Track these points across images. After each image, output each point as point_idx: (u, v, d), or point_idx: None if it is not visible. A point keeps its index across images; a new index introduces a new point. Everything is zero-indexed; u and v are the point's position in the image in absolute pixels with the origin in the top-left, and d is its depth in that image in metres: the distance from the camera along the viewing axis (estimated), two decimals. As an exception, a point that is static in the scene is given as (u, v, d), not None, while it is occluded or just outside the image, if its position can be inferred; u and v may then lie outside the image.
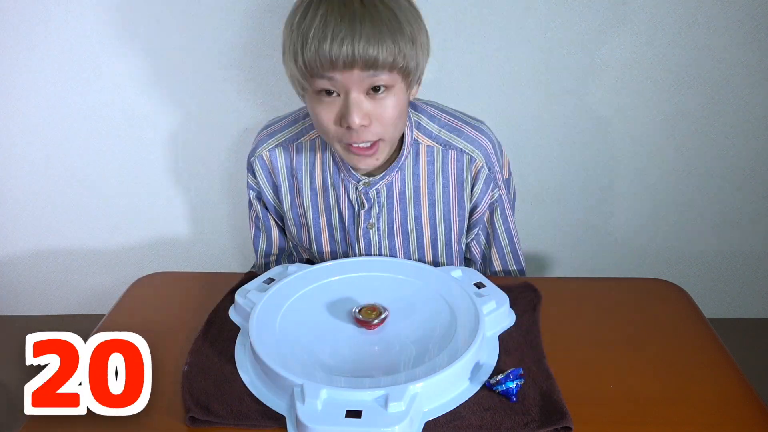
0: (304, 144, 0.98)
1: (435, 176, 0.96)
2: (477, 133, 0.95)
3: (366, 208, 0.97)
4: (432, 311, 0.81)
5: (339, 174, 0.96)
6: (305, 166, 0.98)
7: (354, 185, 0.96)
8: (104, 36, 1.31)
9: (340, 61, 0.76)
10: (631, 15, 1.27)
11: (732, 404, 0.71)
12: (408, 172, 0.96)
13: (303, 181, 0.99)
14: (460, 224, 0.99)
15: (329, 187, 0.98)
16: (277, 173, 1.00)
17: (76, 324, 1.57)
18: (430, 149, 0.95)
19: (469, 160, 0.94)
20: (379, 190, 0.96)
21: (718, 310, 1.58)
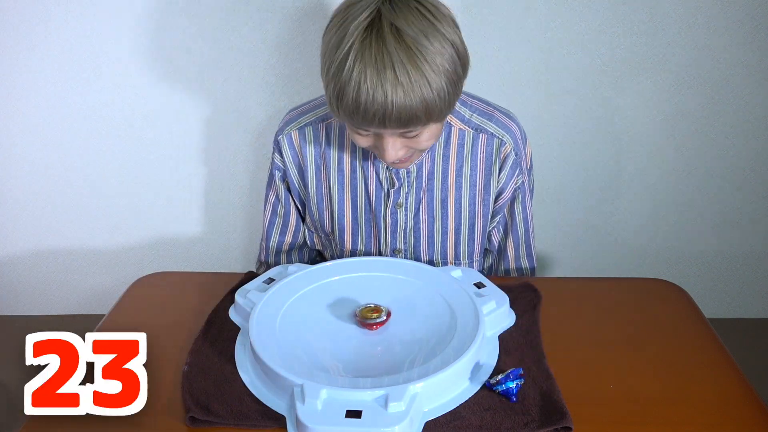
0: (334, 124, 0.98)
1: (464, 159, 0.97)
2: (507, 119, 0.97)
3: (396, 188, 0.97)
4: (432, 311, 0.81)
5: (370, 154, 0.96)
6: (335, 146, 0.99)
7: (384, 165, 0.96)
8: (104, 36, 1.31)
9: (375, 123, 0.78)
10: (631, 15, 1.27)
11: (732, 404, 0.71)
12: (438, 153, 0.96)
13: (331, 160, 0.99)
14: (485, 209, 1.00)
15: (357, 167, 0.98)
16: (304, 152, 1.00)
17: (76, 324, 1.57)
18: (461, 132, 0.96)
19: (499, 144, 0.96)
20: (409, 170, 0.96)
21: (718, 310, 1.58)
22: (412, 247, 1.01)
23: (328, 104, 0.81)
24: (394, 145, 0.82)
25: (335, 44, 0.77)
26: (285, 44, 1.30)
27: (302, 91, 1.35)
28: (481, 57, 1.31)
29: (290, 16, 1.28)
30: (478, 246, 1.02)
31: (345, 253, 1.05)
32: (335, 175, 1.00)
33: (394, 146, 0.82)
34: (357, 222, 1.01)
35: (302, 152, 1.01)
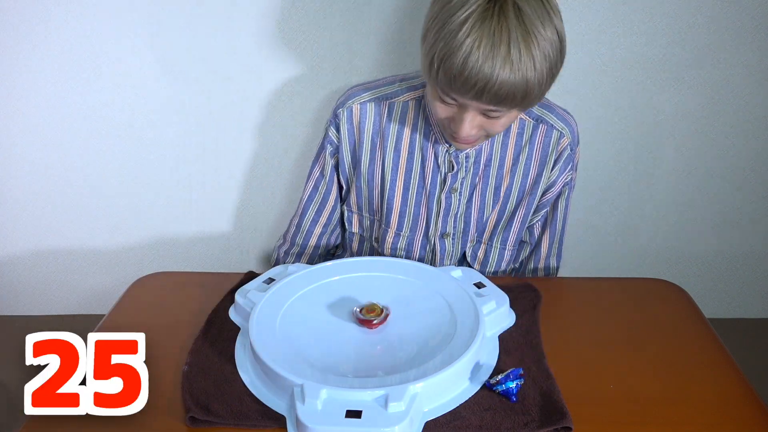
0: (397, 104, 0.99)
1: (522, 148, 0.98)
2: (566, 114, 0.99)
3: (453, 171, 0.98)
4: (432, 311, 0.81)
5: (430, 135, 0.98)
6: (394, 126, 0.99)
7: (445, 147, 0.97)
8: (104, 36, 1.31)
9: (470, 94, 0.78)
10: (631, 15, 1.26)
11: (732, 404, 0.71)
12: (497, 140, 0.98)
13: (389, 139, 1.00)
14: (531, 199, 1.01)
15: (416, 149, 0.99)
16: (363, 127, 1.00)
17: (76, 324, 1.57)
18: (522, 122, 0.97)
19: (558, 136, 0.97)
20: (468, 154, 0.97)
21: (718, 310, 1.58)
22: (461, 231, 1.01)
23: (427, 66, 0.81)
24: (472, 121, 0.84)
25: (455, 7, 0.77)
26: (285, 45, 1.30)
27: (302, 92, 1.35)
28: (481, 57, 1.31)
29: (291, 17, 1.28)
30: (513, 235, 1.03)
31: (389, 234, 1.04)
32: (391, 154, 1.00)
33: (472, 122, 0.84)
34: (407, 204, 1.02)
35: (360, 127, 1.00)
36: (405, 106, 0.99)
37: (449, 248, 1.04)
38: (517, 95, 0.78)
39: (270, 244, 1.52)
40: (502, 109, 0.81)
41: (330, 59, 1.30)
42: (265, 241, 1.52)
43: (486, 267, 1.06)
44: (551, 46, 0.80)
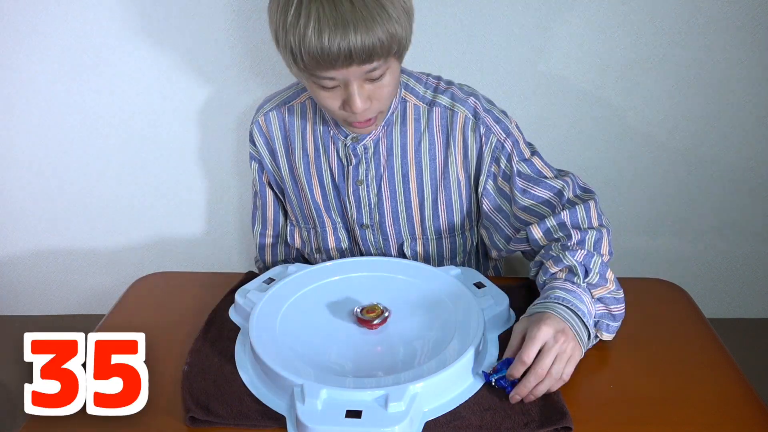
0: (295, 106, 1.02)
1: (421, 134, 0.98)
2: (460, 92, 0.98)
3: (354, 164, 0.99)
4: (432, 311, 0.81)
5: (329, 132, 0.99)
6: (297, 128, 1.02)
7: (343, 141, 0.98)
8: (104, 36, 1.31)
9: (339, 62, 0.79)
10: (631, 15, 1.26)
11: (732, 404, 0.71)
12: (396, 129, 0.98)
13: (296, 142, 1.02)
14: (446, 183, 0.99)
15: (320, 146, 1.01)
16: (272, 137, 1.03)
17: (76, 324, 1.58)
18: (416, 108, 0.97)
19: (452, 114, 0.96)
20: (366, 145, 0.98)
21: (718, 310, 1.57)
22: (378, 222, 1.02)
23: (292, 62, 0.83)
24: (361, 92, 0.83)
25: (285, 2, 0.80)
26: (285, 44, 1.30)
27: (302, 91, 1.35)
28: (481, 57, 1.31)
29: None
30: (444, 223, 1.01)
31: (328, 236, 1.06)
32: (300, 155, 1.02)
33: (361, 93, 0.84)
34: (327, 200, 1.03)
35: (270, 137, 1.04)
36: (303, 106, 1.01)
37: (371, 239, 1.04)
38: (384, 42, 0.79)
39: (270, 244, 1.52)
40: (377, 62, 0.81)
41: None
42: (265, 241, 1.51)
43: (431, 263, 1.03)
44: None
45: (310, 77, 0.84)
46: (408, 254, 1.03)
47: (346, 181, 1.00)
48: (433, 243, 1.03)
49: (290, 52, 0.81)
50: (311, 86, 0.86)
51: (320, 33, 0.77)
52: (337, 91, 0.85)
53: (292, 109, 1.02)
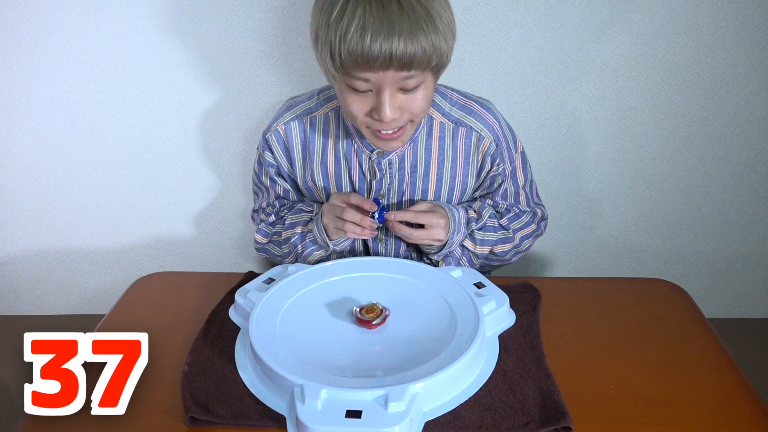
0: (318, 117, 1.00)
1: (445, 152, 0.98)
2: (485, 112, 0.99)
3: (377, 178, 0.98)
4: (432, 311, 0.81)
5: (353, 145, 0.99)
6: (318, 140, 1.00)
7: (367, 155, 0.98)
8: (104, 36, 1.31)
9: (378, 63, 0.78)
10: (631, 15, 1.27)
11: (732, 404, 0.71)
12: (420, 146, 0.98)
13: (315, 154, 1.01)
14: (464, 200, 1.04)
15: (341, 159, 1.00)
16: (291, 146, 1.02)
17: (76, 324, 1.58)
18: (442, 126, 0.98)
19: (478, 138, 0.98)
20: (391, 161, 0.98)
21: (718, 310, 1.58)
22: (393, 236, 1.02)
23: (329, 61, 0.81)
24: (392, 101, 0.83)
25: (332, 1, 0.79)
26: (286, 44, 1.31)
27: (303, 92, 1.35)
28: (481, 57, 1.31)
29: (292, 15, 1.28)
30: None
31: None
32: (318, 168, 1.01)
33: (393, 102, 0.83)
34: None
35: (289, 146, 1.02)
36: (326, 118, 1.00)
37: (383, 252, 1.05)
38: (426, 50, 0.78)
39: (270, 244, 1.52)
40: (415, 71, 0.80)
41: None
42: (265, 241, 1.52)
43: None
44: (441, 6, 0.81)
45: (343, 77, 0.82)
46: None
47: (366, 195, 1.00)
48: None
49: (329, 49, 0.80)
50: (341, 88, 0.85)
51: (363, 31, 0.76)
52: (368, 96, 0.84)
53: (314, 120, 1.00)
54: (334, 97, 1.00)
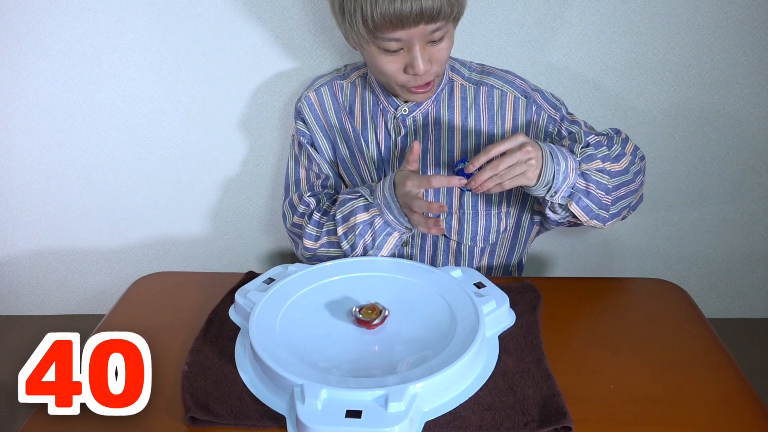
0: (347, 84, 1.07)
1: (468, 109, 1.02)
2: (505, 73, 1.05)
3: (402, 134, 1.03)
4: (432, 311, 0.81)
5: (378, 104, 1.04)
6: (346, 103, 1.07)
7: (392, 113, 1.03)
8: (105, 36, 1.31)
9: (410, 20, 0.84)
10: (631, 15, 1.27)
11: (732, 404, 0.71)
12: (443, 105, 1.02)
13: (342, 117, 1.07)
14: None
15: (368, 119, 1.05)
16: (325, 110, 1.08)
17: (76, 324, 1.58)
18: (463, 87, 1.03)
19: (501, 94, 1.02)
20: (415, 117, 1.02)
21: (718, 310, 1.57)
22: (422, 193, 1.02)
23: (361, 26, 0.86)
24: (423, 54, 0.89)
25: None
26: (286, 44, 1.30)
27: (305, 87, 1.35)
28: (481, 57, 1.31)
29: (292, 16, 1.28)
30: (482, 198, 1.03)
31: None
32: (346, 130, 1.07)
33: (423, 55, 0.89)
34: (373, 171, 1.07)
35: (323, 110, 1.08)
36: (353, 85, 1.07)
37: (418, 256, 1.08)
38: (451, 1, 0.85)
39: (271, 245, 1.52)
40: (441, 23, 0.86)
41: (330, 61, 1.30)
42: (266, 241, 1.52)
43: (464, 237, 1.05)
44: None
45: (374, 41, 0.88)
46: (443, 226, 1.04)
47: (392, 154, 1.04)
48: (469, 218, 1.05)
49: (360, 15, 0.85)
50: (373, 53, 0.90)
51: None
52: (399, 54, 0.90)
53: (342, 86, 1.08)
54: (359, 67, 1.09)
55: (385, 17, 0.83)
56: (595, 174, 0.92)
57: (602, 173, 0.93)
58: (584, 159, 0.92)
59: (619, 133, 1.04)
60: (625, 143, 1.00)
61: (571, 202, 0.91)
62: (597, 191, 0.92)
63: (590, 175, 0.92)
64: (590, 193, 0.92)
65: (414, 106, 1.02)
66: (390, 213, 0.94)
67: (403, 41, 0.87)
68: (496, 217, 1.05)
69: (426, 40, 0.88)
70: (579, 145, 0.94)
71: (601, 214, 0.94)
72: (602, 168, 0.93)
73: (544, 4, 1.26)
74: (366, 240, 0.96)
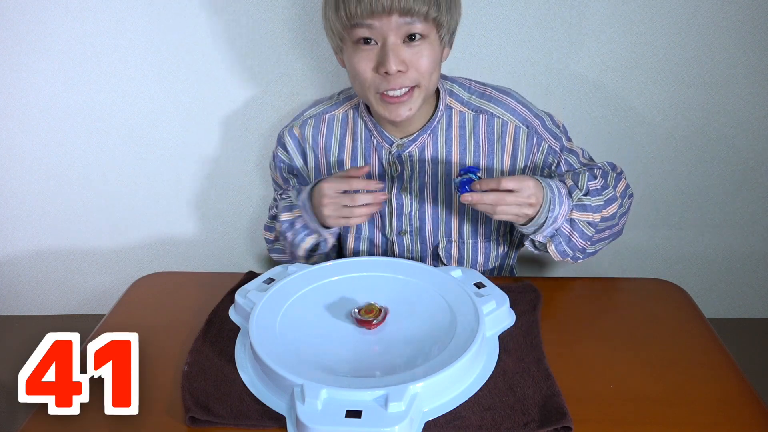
0: (336, 116, 1.03)
1: (467, 140, 0.98)
2: (505, 97, 0.99)
3: (399, 172, 0.99)
4: (432, 311, 0.81)
5: (371, 140, 1.00)
6: (336, 137, 1.02)
7: (387, 149, 0.98)
8: (105, 36, 1.31)
9: (379, 8, 0.81)
10: (631, 15, 1.27)
11: (732, 404, 0.71)
12: (441, 135, 0.98)
13: (331, 150, 1.02)
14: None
15: (359, 155, 1.01)
16: (305, 145, 1.04)
17: (76, 324, 1.58)
18: (462, 115, 0.98)
19: (501, 124, 0.97)
20: (411, 153, 0.98)
21: (718, 310, 1.58)
22: (417, 228, 1.02)
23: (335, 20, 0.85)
24: (395, 50, 0.85)
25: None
26: (286, 44, 1.31)
27: (302, 92, 1.35)
28: (481, 57, 1.31)
29: (292, 16, 1.28)
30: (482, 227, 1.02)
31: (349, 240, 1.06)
32: (335, 165, 1.02)
33: (396, 52, 0.85)
34: None
35: (303, 145, 1.04)
36: (344, 116, 1.02)
37: (408, 245, 1.04)
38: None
39: (270, 244, 1.52)
40: (417, 20, 0.83)
41: (331, 60, 1.30)
42: (265, 241, 1.52)
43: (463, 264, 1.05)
44: None
45: (350, 32, 0.85)
46: (442, 256, 1.04)
47: (389, 191, 1.00)
48: (468, 246, 1.03)
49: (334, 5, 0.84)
50: (349, 53, 0.88)
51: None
52: (373, 50, 0.86)
53: (332, 118, 1.03)
54: (353, 96, 1.02)
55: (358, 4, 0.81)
56: (582, 224, 0.92)
57: (589, 225, 0.92)
58: (578, 207, 0.91)
59: (614, 168, 1.02)
60: (618, 181, 0.98)
61: (551, 244, 0.92)
62: (579, 240, 0.92)
63: (577, 224, 0.91)
64: (572, 240, 0.92)
65: (409, 141, 0.97)
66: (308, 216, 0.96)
67: (375, 30, 0.84)
68: (494, 243, 1.05)
69: (401, 35, 0.84)
70: (579, 192, 0.91)
71: (576, 256, 0.95)
72: (591, 221, 0.92)
73: (544, 4, 1.26)
74: (288, 238, 0.99)
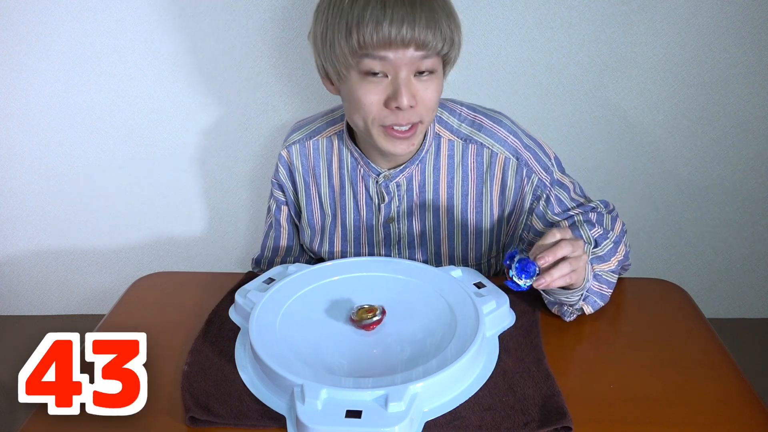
0: (321, 141, 0.99)
1: (455, 170, 0.95)
2: (496, 126, 0.95)
3: (386, 202, 0.97)
4: (432, 311, 0.81)
5: (358, 169, 0.97)
6: (323, 163, 0.99)
7: (374, 179, 0.96)
8: (105, 36, 1.31)
9: (398, 40, 0.78)
10: (631, 15, 1.27)
11: (732, 404, 0.71)
12: (429, 165, 0.95)
13: (321, 176, 1.00)
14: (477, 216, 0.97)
15: (346, 183, 0.98)
16: (294, 171, 1.02)
17: (76, 324, 1.58)
18: (451, 143, 0.95)
19: (491, 154, 0.94)
20: (399, 183, 0.96)
21: (718, 310, 1.58)
22: (407, 255, 1.01)
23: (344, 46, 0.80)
24: (409, 86, 0.82)
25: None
26: (286, 45, 1.31)
27: (302, 93, 1.35)
28: (481, 57, 1.31)
29: (292, 16, 1.28)
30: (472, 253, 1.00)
31: None
32: (327, 191, 1.00)
33: (409, 87, 0.82)
34: (346, 239, 1.02)
35: (292, 170, 1.02)
36: (329, 141, 0.99)
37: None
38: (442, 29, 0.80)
39: (270, 244, 1.52)
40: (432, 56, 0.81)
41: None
42: (265, 241, 1.52)
43: None
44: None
45: (358, 61, 0.81)
46: None
47: (375, 219, 0.98)
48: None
49: (344, 32, 0.79)
50: (354, 83, 0.83)
51: (384, 7, 0.77)
52: (382, 83, 0.82)
53: (317, 143, 0.99)
54: (337, 121, 0.99)
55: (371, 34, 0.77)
56: (606, 275, 0.86)
57: (612, 273, 0.87)
58: (595, 260, 0.85)
59: (608, 207, 0.99)
60: (614, 223, 0.94)
61: (586, 304, 0.84)
62: (608, 290, 0.86)
63: (602, 277, 0.85)
64: (603, 294, 0.86)
65: (397, 172, 0.94)
66: None
67: (388, 63, 0.80)
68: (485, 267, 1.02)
69: (413, 69, 0.81)
70: (590, 246, 0.86)
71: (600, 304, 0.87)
72: (612, 269, 0.87)
73: (544, 4, 1.26)
74: None
